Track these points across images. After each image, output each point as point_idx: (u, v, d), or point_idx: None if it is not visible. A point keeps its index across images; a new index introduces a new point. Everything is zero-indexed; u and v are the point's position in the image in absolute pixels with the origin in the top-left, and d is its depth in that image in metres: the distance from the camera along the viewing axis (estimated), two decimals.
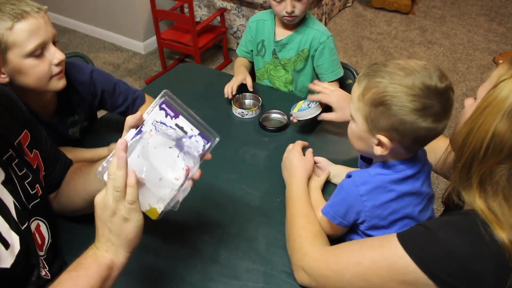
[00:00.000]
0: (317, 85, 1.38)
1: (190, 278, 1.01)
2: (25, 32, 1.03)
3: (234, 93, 1.53)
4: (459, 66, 3.31)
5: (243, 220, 1.15)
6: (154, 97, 0.82)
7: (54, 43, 1.11)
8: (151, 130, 0.80)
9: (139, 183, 0.76)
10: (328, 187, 1.20)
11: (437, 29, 3.77)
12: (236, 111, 1.52)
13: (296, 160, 1.17)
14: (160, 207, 0.79)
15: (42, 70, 1.09)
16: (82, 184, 1.00)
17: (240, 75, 1.59)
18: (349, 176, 0.98)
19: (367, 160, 1.04)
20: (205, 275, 1.01)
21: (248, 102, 1.58)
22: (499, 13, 3.98)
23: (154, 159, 0.78)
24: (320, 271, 0.90)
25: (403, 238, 0.82)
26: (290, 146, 1.24)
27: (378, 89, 0.84)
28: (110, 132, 1.43)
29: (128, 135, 0.80)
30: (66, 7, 3.74)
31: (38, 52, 1.07)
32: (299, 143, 1.23)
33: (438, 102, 0.82)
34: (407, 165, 0.92)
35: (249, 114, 1.51)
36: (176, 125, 0.82)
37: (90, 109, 1.38)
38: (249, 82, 1.56)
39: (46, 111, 1.23)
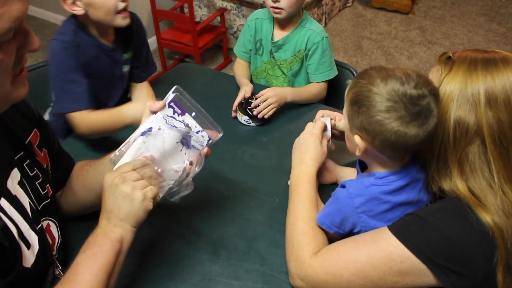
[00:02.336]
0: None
1: (190, 278, 1.01)
2: None
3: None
4: None
5: (242, 220, 1.15)
6: (158, 95, 0.88)
7: None
8: (159, 126, 0.88)
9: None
10: (335, 187, 1.15)
11: (437, 29, 3.77)
12: (242, 118, 1.50)
13: (314, 146, 1.11)
14: (159, 195, 0.87)
15: (110, 4, 1.30)
16: (94, 178, 1.01)
17: (243, 88, 1.57)
18: (343, 186, 0.98)
19: (362, 166, 1.04)
20: (204, 276, 1.01)
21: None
22: (499, 13, 3.98)
23: (159, 152, 0.86)
24: (318, 278, 0.90)
25: (395, 229, 0.85)
26: (310, 126, 1.17)
27: (356, 89, 0.89)
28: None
29: (139, 129, 0.89)
30: (58, 4, 3.74)
31: None
32: (320, 126, 1.15)
33: (403, 106, 0.82)
34: (398, 175, 0.92)
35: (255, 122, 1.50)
36: (183, 121, 0.90)
37: (136, 54, 1.55)
38: (247, 93, 1.55)
39: (107, 39, 1.43)
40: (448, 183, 0.86)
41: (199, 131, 0.90)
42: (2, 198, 0.78)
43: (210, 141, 0.91)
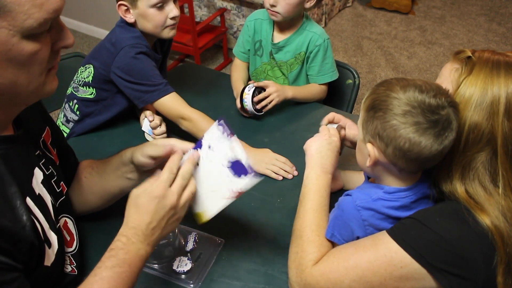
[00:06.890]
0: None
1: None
2: None
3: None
4: None
5: (244, 221, 1.15)
6: None
7: (175, 1, 1.38)
8: (209, 146, 0.90)
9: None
10: (340, 194, 1.10)
11: (437, 29, 3.77)
12: (244, 100, 1.49)
13: (335, 153, 1.05)
14: (208, 215, 0.92)
15: (160, 19, 1.36)
16: (99, 183, 1.01)
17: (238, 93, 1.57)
18: (348, 195, 0.95)
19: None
20: (206, 276, 1.01)
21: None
22: (499, 13, 3.98)
23: (212, 173, 0.90)
24: (319, 286, 0.88)
25: (394, 233, 0.83)
26: (326, 130, 1.09)
27: (374, 95, 0.87)
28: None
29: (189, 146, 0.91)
30: (66, 7, 3.73)
31: (160, 5, 1.34)
32: (336, 132, 1.09)
33: (421, 112, 0.80)
34: (408, 192, 0.90)
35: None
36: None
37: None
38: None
39: (155, 50, 1.51)
40: (448, 185, 0.85)
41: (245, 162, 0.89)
42: (28, 197, 0.78)
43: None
